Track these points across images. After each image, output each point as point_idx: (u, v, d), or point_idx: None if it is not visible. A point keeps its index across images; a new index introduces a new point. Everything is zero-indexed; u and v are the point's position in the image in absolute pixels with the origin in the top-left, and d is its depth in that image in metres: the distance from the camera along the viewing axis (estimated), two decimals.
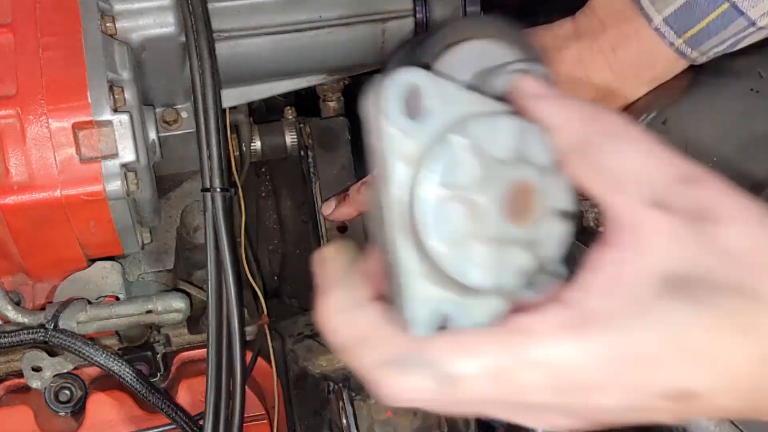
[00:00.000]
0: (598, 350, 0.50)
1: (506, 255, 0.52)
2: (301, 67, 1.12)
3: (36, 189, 0.92)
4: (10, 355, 1.12)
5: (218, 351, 0.99)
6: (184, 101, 1.09)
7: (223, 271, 0.99)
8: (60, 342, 0.99)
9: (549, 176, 0.53)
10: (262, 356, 1.16)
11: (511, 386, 0.50)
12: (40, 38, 0.94)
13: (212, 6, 1.01)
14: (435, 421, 0.96)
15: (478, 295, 0.53)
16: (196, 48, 0.98)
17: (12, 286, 1.07)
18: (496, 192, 0.51)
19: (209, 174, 0.99)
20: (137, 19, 1.00)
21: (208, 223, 0.99)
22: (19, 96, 0.92)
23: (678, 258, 0.50)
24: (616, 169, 0.51)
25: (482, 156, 0.51)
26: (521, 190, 0.52)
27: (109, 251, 1.06)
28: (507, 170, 0.51)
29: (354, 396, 0.97)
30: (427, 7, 1.09)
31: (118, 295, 1.07)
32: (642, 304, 0.49)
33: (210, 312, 0.99)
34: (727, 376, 0.50)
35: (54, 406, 1.11)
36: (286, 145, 1.21)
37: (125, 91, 0.95)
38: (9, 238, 0.96)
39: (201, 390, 1.00)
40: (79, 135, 0.92)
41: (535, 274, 0.53)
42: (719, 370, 0.50)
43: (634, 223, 0.51)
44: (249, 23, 1.05)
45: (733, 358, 0.50)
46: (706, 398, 0.51)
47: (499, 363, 0.50)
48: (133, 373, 1.01)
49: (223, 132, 1.01)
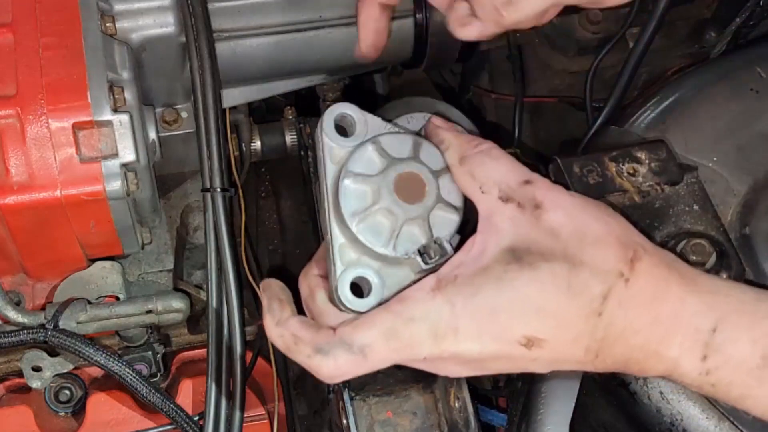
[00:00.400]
0: (455, 301, 0.67)
1: (404, 228, 0.72)
2: (301, 67, 1.12)
3: (36, 189, 0.92)
4: (10, 355, 1.12)
5: (218, 351, 0.99)
6: (184, 101, 1.09)
7: (223, 271, 0.99)
8: (60, 342, 0.99)
9: (442, 177, 0.74)
10: (262, 356, 1.16)
11: (400, 342, 0.67)
12: (40, 38, 0.94)
13: (212, 6, 1.01)
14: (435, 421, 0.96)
15: (390, 265, 0.72)
16: (196, 48, 0.98)
17: (12, 286, 1.07)
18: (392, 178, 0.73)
19: (209, 174, 0.99)
20: (137, 19, 1.00)
21: (208, 223, 0.99)
22: (19, 96, 0.92)
23: (517, 235, 0.68)
24: (482, 176, 0.72)
25: (386, 156, 0.74)
26: (413, 179, 0.73)
27: (109, 251, 1.06)
28: (404, 165, 0.74)
29: (354, 396, 0.97)
30: (427, 7, 1.09)
31: (118, 295, 1.07)
32: (490, 269, 0.67)
33: (210, 312, 0.99)
34: (565, 328, 0.66)
35: (54, 406, 1.11)
36: (286, 145, 1.21)
37: (125, 91, 0.95)
38: (9, 238, 0.96)
39: (201, 390, 1.00)
40: (79, 135, 0.92)
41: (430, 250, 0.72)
42: (556, 321, 0.66)
43: (489, 213, 0.70)
44: (249, 23, 1.05)
45: (565, 312, 0.66)
46: (552, 344, 0.66)
47: (387, 326, 0.67)
48: (133, 373, 1.00)
49: (223, 132, 1.01)
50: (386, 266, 0.73)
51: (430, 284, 0.69)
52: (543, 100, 1.42)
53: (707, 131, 0.97)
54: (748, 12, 1.20)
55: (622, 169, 0.87)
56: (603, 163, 0.87)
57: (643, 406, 0.87)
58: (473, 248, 0.70)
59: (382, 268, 0.73)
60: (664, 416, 0.86)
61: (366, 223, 0.72)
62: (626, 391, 0.88)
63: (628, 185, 0.86)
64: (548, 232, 0.68)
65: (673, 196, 0.87)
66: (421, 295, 0.68)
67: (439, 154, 0.76)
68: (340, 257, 0.73)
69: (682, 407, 0.85)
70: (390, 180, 0.73)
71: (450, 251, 0.72)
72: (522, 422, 0.92)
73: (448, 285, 0.68)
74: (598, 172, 0.87)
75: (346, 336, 0.68)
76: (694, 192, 0.87)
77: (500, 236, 0.68)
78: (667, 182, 0.87)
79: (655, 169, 0.88)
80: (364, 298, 0.71)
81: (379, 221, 0.72)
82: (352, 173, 0.73)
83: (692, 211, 0.86)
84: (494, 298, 0.66)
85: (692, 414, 0.85)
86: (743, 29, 1.22)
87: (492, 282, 0.67)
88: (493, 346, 0.67)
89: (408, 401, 0.97)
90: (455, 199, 0.75)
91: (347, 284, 0.71)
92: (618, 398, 0.90)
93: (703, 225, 0.85)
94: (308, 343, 0.69)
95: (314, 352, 0.69)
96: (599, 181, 0.86)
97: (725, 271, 0.83)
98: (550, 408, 0.88)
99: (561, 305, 0.66)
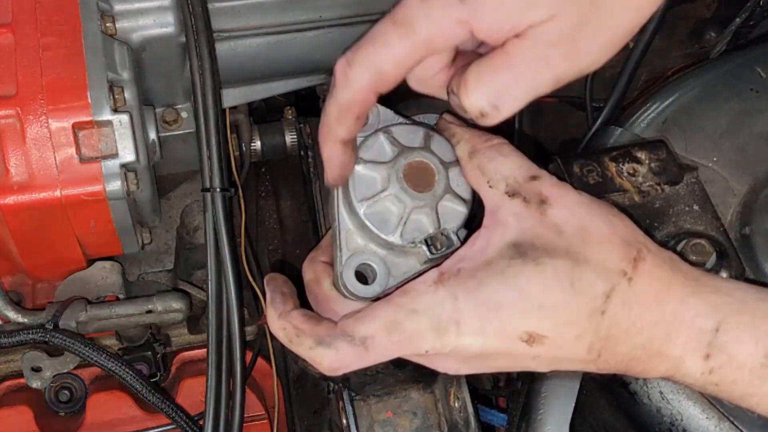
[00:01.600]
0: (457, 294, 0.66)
1: (412, 216, 0.72)
2: (302, 67, 1.12)
3: (36, 189, 0.92)
4: (10, 355, 1.12)
5: (218, 351, 0.99)
6: (184, 101, 1.09)
7: (223, 271, 0.99)
8: (60, 342, 0.99)
9: (451, 169, 0.74)
10: (262, 356, 1.16)
11: (402, 335, 0.67)
12: (40, 38, 0.94)
13: (212, 6, 1.01)
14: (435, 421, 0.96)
15: (396, 254, 0.73)
16: (196, 48, 0.98)
17: (12, 286, 1.07)
18: (402, 166, 0.73)
19: (209, 174, 0.99)
20: (137, 19, 1.00)
21: (208, 223, 0.99)
22: (19, 96, 0.92)
23: (522, 230, 0.68)
24: (490, 171, 0.71)
25: (397, 144, 0.74)
26: (423, 168, 0.73)
27: (109, 251, 1.06)
28: (414, 154, 0.73)
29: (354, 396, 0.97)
30: None
31: (118, 295, 1.07)
32: (494, 263, 0.67)
33: (210, 312, 0.99)
34: (567, 325, 0.66)
35: (54, 406, 1.11)
36: (286, 145, 1.21)
37: (125, 91, 0.95)
38: (9, 238, 0.96)
39: (201, 390, 1.00)
40: (79, 135, 0.92)
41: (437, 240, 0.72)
42: (559, 318, 0.66)
43: (495, 207, 0.70)
44: (249, 23, 1.05)
45: (567, 309, 0.66)
46: (554, 341, 0.66)
47: (389, 318, 0.67)
48: (133, 373, 1.01)
49: (223, 132, 1.01)
50: (392, 255, 0.73)
51: (432, 277, 0.69)
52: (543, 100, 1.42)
53: (707, 131, 0.97)
54: (748, 12, 1.20)
55: (622, 169, 0.87)
56: (603, 163, 0.87)
57: (643, 406, 0.87)
58: (477, 242, 0.69)
59: (387, 257, 0.73)
60: (664, 416, 0.86)
61: (374, 209, 0.72)
62: (626, 391, 0.88)
63: (628, 185, 0.86)
64: (552, 228, 0.67)
65: (673, 196, 0.87)
66: (424, 288, 0.68)
67: (450, 147, 0.75)
68: (347, 243, 0.73)
69: (682, 407, 0.85)
70: (400, 167, 0.73)
71: (456, 243, 0.72)
72: (522, 422, 0.92)
73: (450, 278, 0.68)
74: (598, 172, 0.87)
75: (348, 328, 0.68)
76: (694, 192, 0.87)
77: (505, 231, 0.68)
78: (667, 182, 0.87)
79: (655, 169, 0.87)
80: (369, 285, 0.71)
81: (387, 207, 0.72)
82: (362, 160, 0.73)
83: (692, 211, 0.86)
84: (497, 293, 0.66)
85: (692, 414, 0.85)
86: (743, 29, 1.22)
87: (495, 276, 0.66)
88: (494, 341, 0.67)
89: (408, 401, 0.97)
90: (464, 191, 0.74)
91: (352, 270, 0.72)
92: (618, 398, 0.90)
93: (703, 225, 0.85)
94: (310, 335, 0.69)
95: (316, 344, 0.69)
96: (599, 181, 0.86)
97: (725, 270, 0.83)
98: (550, 408, 0.88)
99: (563, 302, 0.66)
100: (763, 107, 0.99)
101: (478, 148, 0.73)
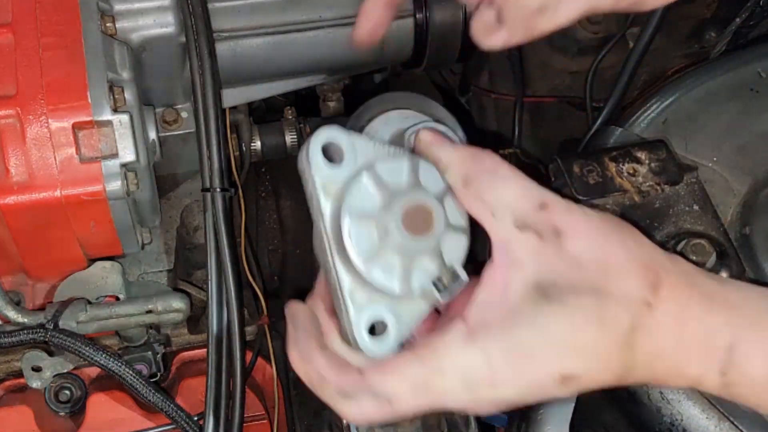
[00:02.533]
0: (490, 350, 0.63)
1: (416, 262, 0.67)
2: (301, 67, 1.12)
3: (36, 189, 0.92)
4: (10, 355, 1.12)
5: (218, 351, 0.99)
6: (184, 101, 1.09)
7: (223, 271, 0.99)
8: (60, 342, 0.99)
9: (445, 200, 0.68)
10: (262, 356, 1.16)
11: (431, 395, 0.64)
12: (40, 38, 0.94)
13: (212, 6, 1.01)
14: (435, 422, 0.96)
15: (404, 300, 0.68)
16: (196, 48, 0.98)
17: (12, 286, 1.07)
18: (398, 213, 0.66)
19: (209, 174, 0.99)
20: (137, 19, 1.00)
21: (208, 223, 0.99)
22: (19, 96, 0.92)
23: (541, 269, 0.64)
24: (492, 199, 0.66)
25: (385, 187, 0.67)
26: (419, 210, 0.67)
27: (109, 251, 1.06)
28: (407, 196, 0.67)
29: None
30: (426, 7, 1.09)
31: (118, 295, 1.07)
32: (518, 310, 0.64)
33: (210, 312, 0.99)
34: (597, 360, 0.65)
35: (54, 406, 1.11)
36: (286, 145, 1.21)
37: (125, 91, 0.95)
38: (9, 238, 0.96)
39: (201, 390, 1.00)
40: (79, 135, 0.92)
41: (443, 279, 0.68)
42: (589, 355, 0.64)
43: (505, 242, 0.65)
44: (249, 23, 1.05)
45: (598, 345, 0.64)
46: (586, 377, 0.65)
47: (417, 377, 0.64)
48: (133, 373, 1.00)
49: (223, 132, 1.01)
50: (399, 303, 0.68)
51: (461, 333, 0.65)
52: (543, 100, 1.42)
53: (707, 131, 0.97)
54: (748, 12, 1.20)
55: (622, 169, 0.87)
56: (603, 163, 0.87)
57: (643, 406, 0.87)
58: (496, 284, 0.66)
59: (395, 306, 0.68)
60: (664, 416, 0.86)
61: (376, 264, 0.67)
62: (626, 391, 0.88)
63: (628, 185, 0.86)
64: (572, 263, 0.65)
65: (673, 196, 0.87)
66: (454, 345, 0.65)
67: (437, 174, 0.70)
68: (351, 301, 0.67)
69: (682, 407, 0.85)
70: (396, 215, 0.66)
71: (465, 278, 0.68)
72: (522, 422, 0.92)
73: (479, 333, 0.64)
74: (598, 172, 0.87)
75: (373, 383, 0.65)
76: (694, 192, 0.87)
77: (523, 271, 0.65)
78: (667, 182, 0.87)
79: (655, 169, 0.88)
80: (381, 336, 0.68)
81: (390, 261, 0.67)
82: (353, 213, 0.67)
83: (692, 211, 0.86)
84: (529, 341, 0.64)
85: (692, 414, 0.85)
86: (743, 29, 1.22)
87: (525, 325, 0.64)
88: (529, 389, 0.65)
89: None
90: (461, 219, 0.70)
91: (364, 329, 0.67)
92: (618, 398, 0.90)
93: (703, 225, 0.86)
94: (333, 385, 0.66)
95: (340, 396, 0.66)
96: (599, 181, 0.86)
97: (725, 270, 0.83)
98: (550, 408, 0.88)
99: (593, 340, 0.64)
100: (763, 107, 0.99)
101: (472, 175, 0.68)
